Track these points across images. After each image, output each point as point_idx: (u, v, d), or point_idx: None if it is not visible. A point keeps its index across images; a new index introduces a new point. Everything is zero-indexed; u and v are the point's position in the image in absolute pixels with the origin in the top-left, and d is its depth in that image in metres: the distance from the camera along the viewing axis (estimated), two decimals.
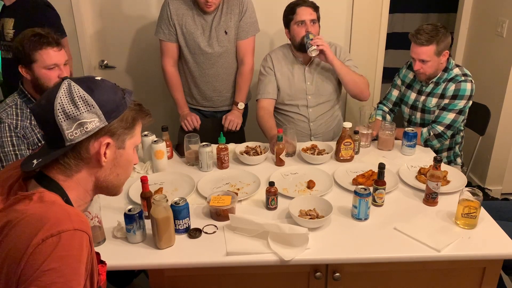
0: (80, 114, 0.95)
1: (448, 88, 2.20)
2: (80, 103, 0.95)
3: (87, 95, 0.96)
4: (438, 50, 2.13)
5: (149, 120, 1.09)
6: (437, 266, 1.50)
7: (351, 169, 1.97)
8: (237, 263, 1.43)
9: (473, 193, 1.55)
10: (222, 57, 2.45)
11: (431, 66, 2.17)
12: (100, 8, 2.97)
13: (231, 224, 1.55)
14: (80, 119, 0.95)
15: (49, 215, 0.90)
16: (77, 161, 0.99)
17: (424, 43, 2.11)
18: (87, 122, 0.95)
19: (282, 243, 1.46)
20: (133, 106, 1.04)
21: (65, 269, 0.85)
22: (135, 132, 1.06)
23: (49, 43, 1.76)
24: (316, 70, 2.39)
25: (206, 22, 2.39)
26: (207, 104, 2.60)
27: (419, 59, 2.16)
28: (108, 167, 1.03)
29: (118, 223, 1.56)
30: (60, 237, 0.86)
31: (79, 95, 0.95)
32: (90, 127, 0.96)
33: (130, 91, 1.06)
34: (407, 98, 2.40)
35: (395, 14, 4.21)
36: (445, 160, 2.42)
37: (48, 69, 1.77)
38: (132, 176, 1.94)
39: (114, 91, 1.01)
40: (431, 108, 2.27)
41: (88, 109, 0.95)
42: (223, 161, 1.99)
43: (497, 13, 2.91)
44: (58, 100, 0.95)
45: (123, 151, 1.05)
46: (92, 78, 1.01)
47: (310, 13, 2.27)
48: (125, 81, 3.17)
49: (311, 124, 2.44)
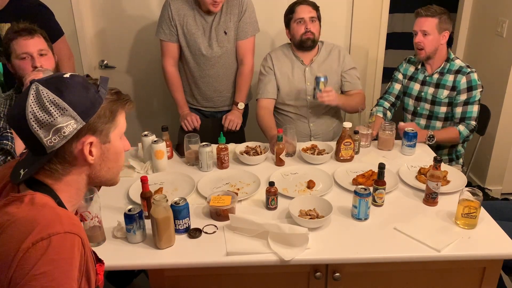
0: (54, 120, 0.91)
1: (459, 81, 2.26)
2: (52, 108, 0.91)
3: (57, 98, 0.92)
4: (439, 26, 2.21)
5: (130, 106, 1.05)
6: (437, 266, 1.50)
7: (351, 169, 1.97)
8: (237, 263, 1.43)
9: (473, 193, 1.55)
10: (222, 57, 2.45)
11: (431, 41, 2.23)
12: (100, 8, 2.97)
13: (231, 224, 1.55)
14: (55, 124, 0.92)
15: (40, 218, 0.88)
16: (63, 165, 0.97)
17: (429, 14, 2.21)
18: (63, 127, 0.92)
19: (282, 243, 1.46)
20: (110, 96, 1.00)
21: (56, 273, 0.84)
22: (117, 122, 1.03)
23: (19, 32, 1.74)
24: (317, 70, 2.39)
25: (206, 22, 2.39)
26: (207, 104, 2.60)
27: (421, 30, 2.23)
28: (98, 164, 1.01)
29: (118, 223, 1.55)
30: (50, 240, 0.85)
31: (49, 100, 0.91)
32: (67, 131, 0.93)
33: (105, 79, 1.02)
34: (411, 90, 2.42)
35: (395, 14, 4.21)
36: (445, 157, 2.44)
37: (20, 58, 1.74)
38: (132, 176, 1.95)
39: (86, 87, 0.96)
40: (442, 100, 2.31)
41: (62, 112, 0.92)
42: (223, 161, 1.99)
43: (497, 13, 2.91)
44: (29, 109, 0.91)
45: (110, 145, 1.02)
46: (61, 77, 0.97)
47: (309, 11, 2.28)
48: (125, 81, 3.17)
49: (311, 124, 2.44)
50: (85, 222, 1.46)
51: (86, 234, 1.45)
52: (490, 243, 1.49)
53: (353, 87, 2.43)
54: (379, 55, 3.20)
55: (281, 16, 2.41)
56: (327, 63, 2.40)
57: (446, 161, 2.43)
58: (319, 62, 2.40)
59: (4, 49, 1.77)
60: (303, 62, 2.40)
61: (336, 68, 2.41)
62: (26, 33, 1.74)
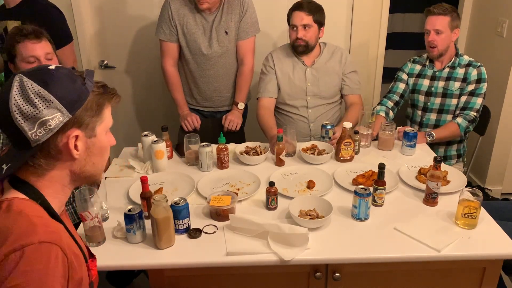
0: (39, 112, 0.88)
1: (470, 73, 2.30)
2: (37, 100, 0.88)
3: (43, 90, 0.88)
4: (451, 24, 2.24)
5: (116, 101, 1.02)
6: (437, 266, 1.50)
7: (351, 169, 1.97)
8: (237, 263, 1.43)
9: (473, 193, 1.55)
10: (222, 57, 2.45)
11: (444, 39, 2.25)
12: (100, 8, 2.97)
13: (231, 224, 1.55)
14: (41, 117, 0.88)
15: (13, 228, 0.85)
16: (47, 160, 0.93)
17: (441, 13, 2.23)
18: (49, 120, 0.88)
19: (282, 243, 1.46)
20: (97, 89, 0.97)
21: (30, 285, 0.81)
22: (104, 116, 0.99)
23: (26, 35, 1.72)
24: (318, 72, 2.39)
25: (207, 22, 2.38)
26: (207, 104, 2.60)
27: (434, 29, 2.25)
28: (83, 158, 0.98)
29: (118, 223, 1.55)
30: (23, 251, 0.82)
31: (34, 91, 0.88)
32: (53, 123, 0.89)
33: (91, 72, 0.98)
34: (420, 86, 2.43)
35: (395, 14, 4.21)
36: (454, 152, 2.45)
37: (28, 62, 1.73)
38: (132, 176, 1.95)
39: (72, 79, 0.93)
40: (454, 92, 2.33)
41: (47, 105, 0.88)
42: (223, 161, 1.99)
43: (497, 13, 2.91)
44: (13, 101, 0.88)
45: (95, 139, 0.98)
46: (46, 69, 0.93)
47: (301, 18, 2.26)
48: (125, 81, 3.17)
49: (311, 124, 2.44)
50: (85, 222, 1.46)
51: (86, 234, 1.47)
52: (490, 243, 1.49)
53: (351, 92, 2.43)
54: (379, 55, 3.20)
55: (280, 16, 2.41)
56: (329, 65, 2.41)
57: (455, 157, 2.46)
58: (321, 63, 2.40)
59: (8, 49, 1.75)
60: (305, 63, 2.40)
61: (337, 70, 2.42)
62: (33, 36, 1.74)
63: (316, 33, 2.33)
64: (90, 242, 1.48)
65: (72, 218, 1.89)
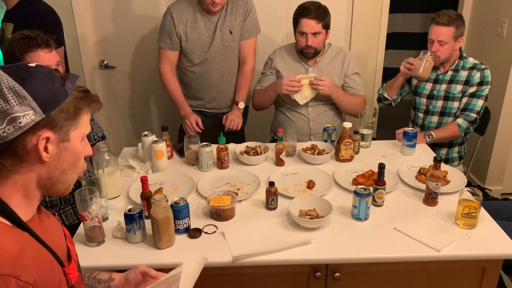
0: (10, 107, 0.82)
1: (473, 76, 2.28)
2: (10, 95, 0.82)
3: (18, 85, 0.83)
4: (456, 34, 2.21)
5: (96, 107, 0.96)
6: (437, 266, 1.50)
7: (351, 169, 1.97)
8: (237, 263, 1.43)
9: (473, 193, 1.55)
10: (226, 57, 2.46)
11: (447, 49, 2.24)
12: (100, 8, 2.97)
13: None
14: (11, 113, 0.82)
15: None
16: (13, 160, 0.86)
17: (446, 23, 2.19)
18: (19, 117, 0.82)
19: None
20: (77, 93, 0.91)
21: None
22: (80, 121, 0.93)
23: (38, 45, 1.70)
24: (320, 71, 2.39)
25: (211, 22, 2.38)
26: (210, 106, 2.60)
27: (438, 40, 2.22)
28: (53, 163, 0.90)
29: (118, 223, 1.55)
30: None
31: (8, 86, 0.83)
32: (24, 121, 0.83)
33: (75, 76, 0.94)
34: (422, 89, 2.43)
35: (395, 14, 4.22)
36: (456, 155, 2.45)
37: None
38: (132, 176, 1.95)
39: (51, 78, 0.88)
40: (456, 95, 2.32)
41: (20, 101, 0.83)
42: (223, 161, 1.99)
43: (497, 13, 2.91)
44: None
45: (68, 144, 0.91)
46: (25, 66, 0.88)
47: (312, 27, 2.25)
48: (125, 81, 3.17)
49: (311, 123, 2.44)
50: (85, 222, 1.46)
51: (86, 234, 1.47)
52: (490, 243, 1.49)
53: (354, 93, 2.43)
54: (379, 55, 3.20)
55: (280, 16, 2.41)
56: (331, 65, 2.41)
57: (457, 159, 2.45)
58: (323, 64, 2.40)
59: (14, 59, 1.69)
60: (307, 63, 2.40)
61: (339, 72, 2.42)
62: (45, 46, 1.71)
63: (324, 37, 2.33)
64: (90, 242, 1.48)
65: (72, 219, 1.89)
